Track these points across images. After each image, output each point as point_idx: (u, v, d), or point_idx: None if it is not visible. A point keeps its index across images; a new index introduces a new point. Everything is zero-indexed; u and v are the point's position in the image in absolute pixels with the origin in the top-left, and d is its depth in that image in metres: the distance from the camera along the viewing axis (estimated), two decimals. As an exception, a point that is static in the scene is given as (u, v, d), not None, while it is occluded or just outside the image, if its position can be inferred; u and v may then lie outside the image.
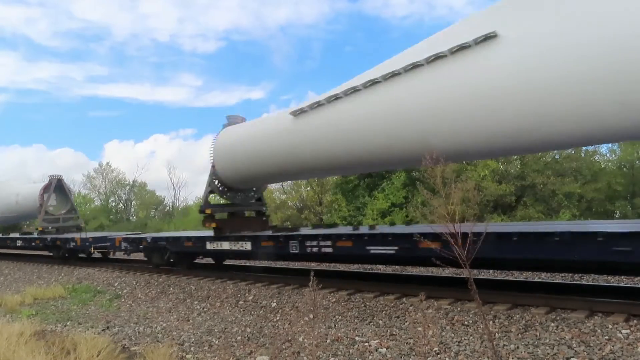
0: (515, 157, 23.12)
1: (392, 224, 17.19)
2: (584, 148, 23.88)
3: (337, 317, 7.66)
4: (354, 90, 8.23)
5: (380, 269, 11.95)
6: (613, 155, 27.93)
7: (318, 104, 8.92)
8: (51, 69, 79.10)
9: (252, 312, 8.67)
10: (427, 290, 7.68)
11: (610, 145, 26.52)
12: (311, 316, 7.72)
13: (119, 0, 77.40)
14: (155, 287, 11.71)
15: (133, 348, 7.38)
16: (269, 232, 11.03)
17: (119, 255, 16.28)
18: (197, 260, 14.20)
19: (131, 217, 49.14)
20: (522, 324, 6.20)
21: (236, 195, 12.55)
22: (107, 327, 8.75)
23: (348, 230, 10.18)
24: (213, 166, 11.91)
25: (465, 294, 6.91)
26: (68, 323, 9.37)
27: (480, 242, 4.34)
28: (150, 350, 6.41)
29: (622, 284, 8.55)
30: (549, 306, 6.60)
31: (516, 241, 6.75)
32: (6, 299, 11.59)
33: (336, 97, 8.56)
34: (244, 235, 11.00)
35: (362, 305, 7.95)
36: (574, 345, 5.40)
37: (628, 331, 5.52)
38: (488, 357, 5.36)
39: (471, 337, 6.02)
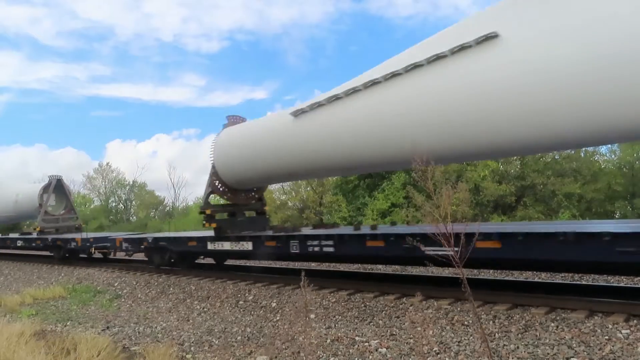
0: (515, 157, 23.14)
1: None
2: (583, 148, 23.90)
3: (337, 317, 7.66)
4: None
5: (381, 269, 11.95)
6: (613, 156, 27.96)
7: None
8: (54, 68, 79.34)
9: (252, 312, 8.67)
10: (427, 290, 7.74)
11: (610, 145, 26.53)
12: (311, 316, 7.72)
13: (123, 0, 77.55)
14: (155, 287, 11.71)
15: (133, 348, 7.38)
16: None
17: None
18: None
19: (131, 218, 49.15)
20: (522, 324, 6.20)
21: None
22: (107, 327, 8.75)
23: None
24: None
25: (465, 294, 6.90)
26: (68, 323, 9.37)
27: (473, 243, 4.35)
28: (150, 350, 6.41)
29: (622, 284, 8.55)
30: (548, 306, 6.60)
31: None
32: (6, 299, 11.59)
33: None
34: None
35: (362, 305, 7.95)
36: (574, 345, 5.40)
37: (628, 331, 5.52)
38: (488, 358, 5.37)
39: (471, 337, 6.02)
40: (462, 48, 6.65)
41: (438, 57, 6.94)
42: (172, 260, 12.99)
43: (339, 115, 8.55)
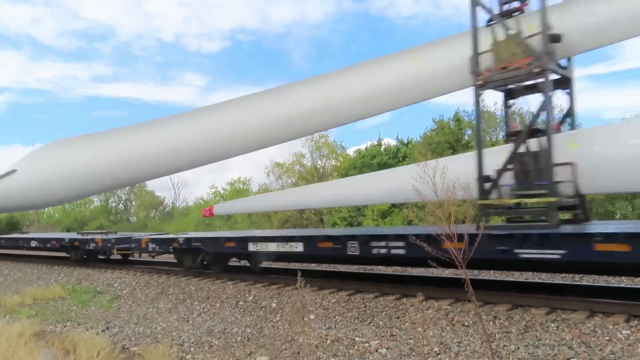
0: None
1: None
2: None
3: (337, 317, 7.66)
4: None
5: (381, 269, 11.94)
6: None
7: None
8: (55, 68, 79.49)
9: (252, 313, 8.66)
10: (428, 290, 7.71)
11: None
12: (311, 316, 7.71)
13: (124, -1, 77.60)
14: (155, 288, 11.70)
15: (133, 348, 7.38)
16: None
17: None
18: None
19: (131, 218, 49.16)
20: (522, 324, 6.19)
21: None
22: (107, 328, 8.74)
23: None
24: None
25: (465, 295, 6.82)
26: (68, 324, 9.36)
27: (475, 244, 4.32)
28: (150, 351, 6.41)
29: (622, 285, 8.54)
30: (549, 307, 6.59)
31: None
32: (6, 300, 11.58)
33: None
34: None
35: (362, 305, 7.94)
36: (575, 346, 5.40)
37: (628, 332, 5.51)
38: (488, 358, 5.36)
39: (471, 338, 6.01)
40: None
41: None
42: (205, 263, 12.00)
43: None
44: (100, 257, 16.75)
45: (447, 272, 9.80)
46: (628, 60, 57.09)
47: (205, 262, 12.08)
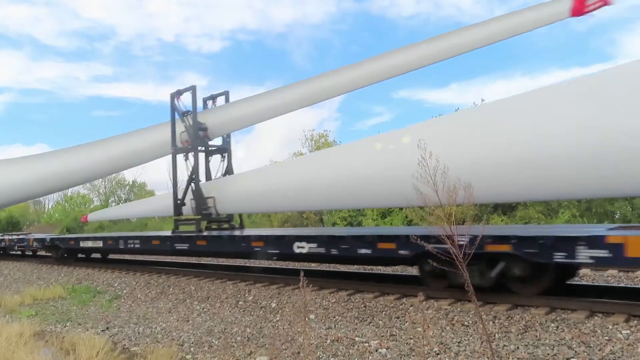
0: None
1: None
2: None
3: (337, 317, 7.66)
4: None
5: (380, 269, 11.94)
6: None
7: None
8: (56, 68, 79.37)
9: (252, 313, 8.66)
10: (427, 290, 7.71)
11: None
12: (311, 316, 7.72)
13: (124, -1, 77.54)
14: (155, 288, 11.70)
15: (133, 348, 7.38)
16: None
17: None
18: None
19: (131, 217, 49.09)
20: (522, 324, 6.20)
21: None
22: (107, 328, 8.74)
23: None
24: None
25: (465, 295, 6.89)
26: (68, 323, 9.36)
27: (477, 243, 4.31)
28: (150, 351, 6.41)
29: (622, 284, 8.55)
30: (548, 307, 6.60)
31: None
32: (6, 300, 11.58)
33: None
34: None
35: (362, 305, 7.95)
36: (574, 346, 5.40)
37: (628, 332, 5.51)
38: (488, 358, 5.36)
39: (471, 338, 6.01)
40: None
41: None
42: (65, 255, 15.67)
43: None
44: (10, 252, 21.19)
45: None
46: (627, 58, 57.11)
47: (65, 255, 17.03)
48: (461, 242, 3.84)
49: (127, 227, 36.99)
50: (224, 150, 14.27)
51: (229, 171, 14.14)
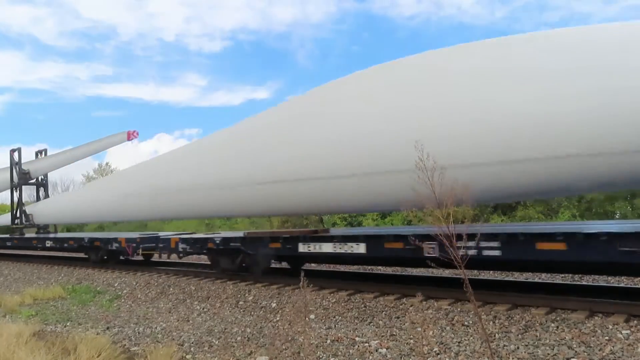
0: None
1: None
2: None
3: (337, 317, 7.66)
4: None
5: (380, 269, 11.95)
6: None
7: None
8: (56, 68, 79.44)
9: (252, 313, 8.67)
10: (427, 290, 7.73)
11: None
12: (311, 316, 7.72)
13: (125, -1, 77.57)
14: (155, 288, 11.71)
15: (133, 348, 7.38)
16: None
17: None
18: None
19: (131, 217, 48.97)
20: (522, 324, 6.20)
21: None
22: (107, 328, 8.74)
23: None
24: None
25: (465, 295, 6.87)
26: (68, 323, 9.36)
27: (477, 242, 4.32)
28: (150, 351, 6.41)
29: (622, 284, 8.55)
30: (549, 307, 6.60)
31: None
32: (6, 300, 11.58)
33: None
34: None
35: (362, 305, 7.95)
36: (574, 346, 5.40)
37: (628, 332, 5.52)
38: (487, 358, 5.36)
39: (471, 338, 6.02)
40: None
41: None
42: (244, 265, 11.15)
43: None
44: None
45: (447, 272, 9.81)
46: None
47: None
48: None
49: (127, 227, 36.99)
50: (42, 184, 23.80)
51: (45, 197, 23.30)
